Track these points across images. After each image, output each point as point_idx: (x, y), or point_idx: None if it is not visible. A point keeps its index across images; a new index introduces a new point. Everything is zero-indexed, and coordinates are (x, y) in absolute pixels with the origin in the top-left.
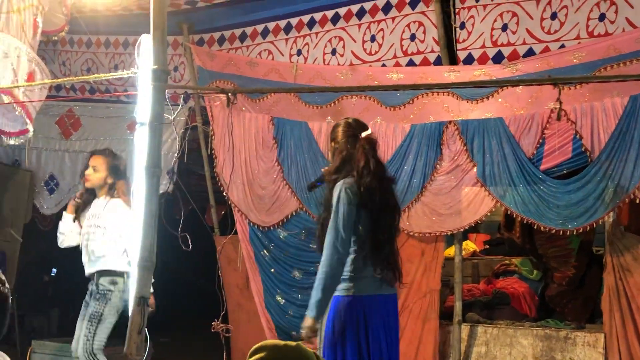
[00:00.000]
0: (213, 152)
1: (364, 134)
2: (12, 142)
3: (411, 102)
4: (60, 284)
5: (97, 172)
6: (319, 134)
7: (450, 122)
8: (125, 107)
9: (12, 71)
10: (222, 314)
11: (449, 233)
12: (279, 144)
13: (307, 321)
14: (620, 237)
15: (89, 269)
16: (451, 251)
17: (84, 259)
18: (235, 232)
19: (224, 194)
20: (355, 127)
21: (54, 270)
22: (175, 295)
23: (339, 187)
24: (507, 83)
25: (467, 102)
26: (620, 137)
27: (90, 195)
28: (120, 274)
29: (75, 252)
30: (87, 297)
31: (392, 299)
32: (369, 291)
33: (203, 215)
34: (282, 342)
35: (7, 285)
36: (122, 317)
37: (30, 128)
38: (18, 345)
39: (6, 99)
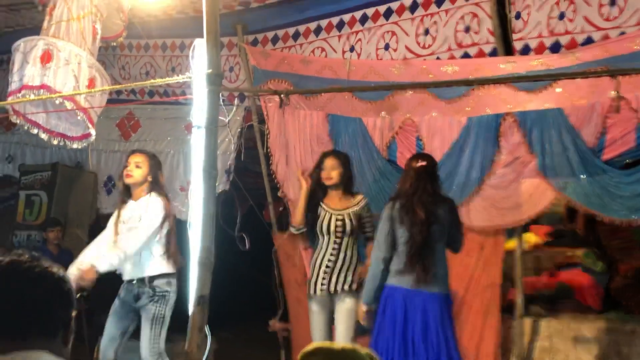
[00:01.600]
0: (269, 150)
1: (416, 164)
2: (75, 145)
3: (467, 94)
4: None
5: (139, 169)
6: (373, 129)
7: (507, 114)
8: (183, 109)
9: (73, 78)
10: (280, 312)
11: (510, 227)
12: (334, 140)
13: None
14: None
15: (134, 274)
16: (512, 244)
17: (124, 263)
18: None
19: (280, 191)
20: (411, 159)
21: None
22: (236, 291)
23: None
24: (562, 76)
25: (525, 93)
26: None
27: (124, 196)
28: (173, 274)
29: None
30: (124, 297)
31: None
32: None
33: (261, 212)
34: (338, 346)
35: (70, 282)
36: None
37: (93, 132)
38: (87, 342)
39: (69, 105)
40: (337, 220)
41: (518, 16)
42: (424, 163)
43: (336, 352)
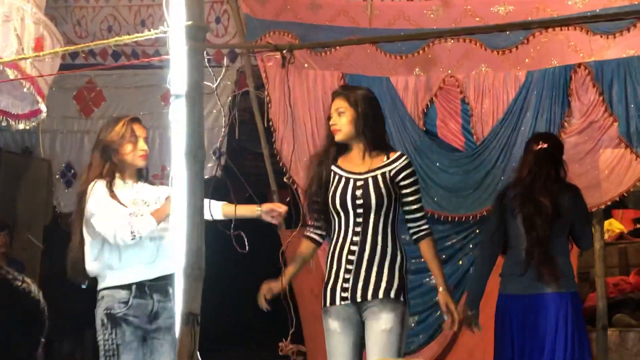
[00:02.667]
0: (271, 123)
1: (535, 147)
2: (22, 126)
3: (526, 41)
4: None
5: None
6: (404, 91)
7: (579, 64)
8: (158, 74)
9: (15, 38)
10: (292, 330)
11: None
12: None
13: None
14: None
15: (162, 270)
16: None
17: (150, 255)
18: (305, 224)
19: (286, 175)
20: (530, 140)
21: (86, 281)
22: (237, 305)
23: None
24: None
25: (601, 36)
26: None
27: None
28: None
29: None
30: (133, 319)
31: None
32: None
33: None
34: None
35: (39, 296)
36: None
37: (43, 108)
38: None
39: (11, 73)
40: (356, 188)
41: None
42: (544, 145)
43: None
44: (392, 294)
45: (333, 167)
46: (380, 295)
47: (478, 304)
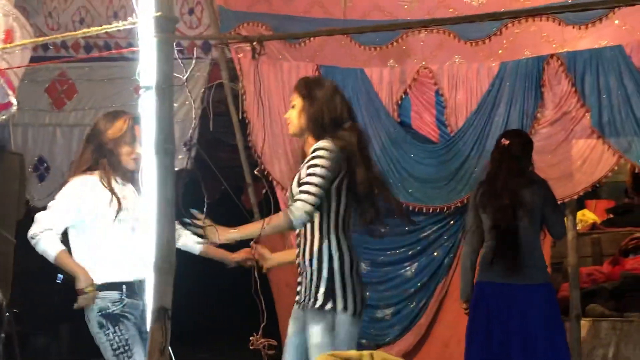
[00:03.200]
0: (245, 115)
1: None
2: None
3: (499, 32)
4: (71, 293)
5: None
6: (379, 83)
7: (552, 55)
8: (131, 66)
9: None
10: (263, 324)
11: (558, 202)
12: None
13: None
14: None
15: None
16: None
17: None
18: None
19: (261, 168)
20: (499, 138)
21: (60, 276)
22: (211, 300)
23: None
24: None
25: (574, 27)
26: None
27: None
28: None
29: None
30: (132, 317)
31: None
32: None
33: (239, 196)
34: (355, 354)
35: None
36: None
37: (14, 101)
38: None
39: None
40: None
41: None
42: (507, 142)
43: None
44: (317, 305)
45: None
46: (309, 305)
47: (468, 296)
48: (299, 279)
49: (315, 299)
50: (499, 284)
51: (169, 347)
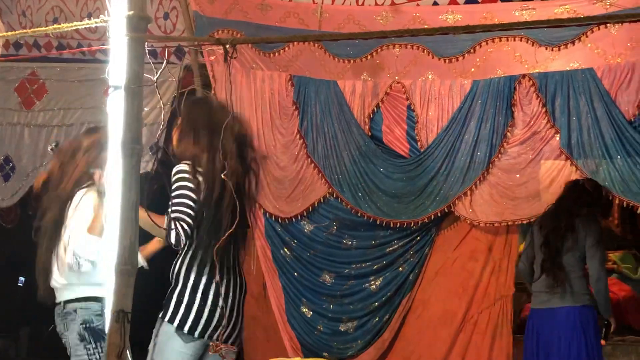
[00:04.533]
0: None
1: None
2: None
3: (472, 50)
4: (31, 295)
5: None
6: (351, 95)
7: (524, 75)
8: (103, 67)
9: None
10: (223, 331)
11: (524, 222)
12: (301, 110)
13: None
14: None
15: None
16: None
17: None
18: (247, 226)
19: (224, 172)
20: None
21: (22, 279)
22: None
23: None
24: (591, 20)
25: (546, 48)
26: None
27: None
28: None
29: None
30: None
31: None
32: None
33: None
34: None
35: None
36: None
37: None
38: None
39: None
40: None
41: None
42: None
43: None
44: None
45: None
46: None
47: None
48: None
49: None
50: (538, 310)
51: (127, 351)
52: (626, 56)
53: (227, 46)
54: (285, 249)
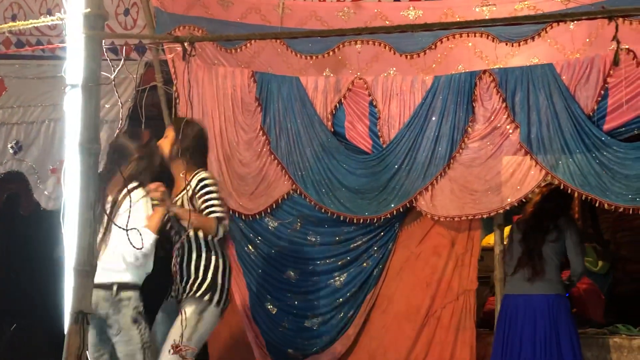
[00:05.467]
0: None
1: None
2: None
3: (433, 46)
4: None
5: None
6: (314, 91)
7: (484, 71)
8: (64, 64)
9: None
10: (182, 331)
11: (486, 216)
12: (264, 106)
13: None
14: None
15: None
16: (490, 239)
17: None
18: None
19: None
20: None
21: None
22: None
23: None
24: (548, 18)
25: (507, 44)
26: None
27: None
28: None
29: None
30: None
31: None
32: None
33: None
34: None
35: None
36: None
37: None
38: None
39: None
40: None
41: None
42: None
43: None
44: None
45: None
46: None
47: None
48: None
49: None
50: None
51: (86, 352)
52: (585, 52)
53: (186, 44)
54: (250, 246)
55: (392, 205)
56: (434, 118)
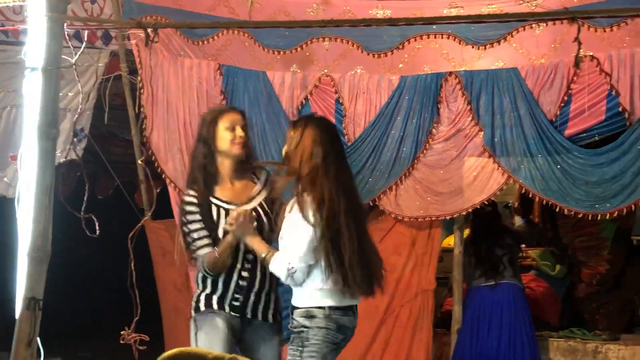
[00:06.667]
0: (142, 110)
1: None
2: None
3: (401, 46)
4: None
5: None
6: (281, 87)
7: (450, 73)
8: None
9: None
10: (136, 318)
11: (448, 217)
12: (229, 99)
13: None
14: None
15: None
16: (450, 241)
17: None
18: (173, 216)
19: (156, 165)
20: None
21: None
22: (102, 297)
23: None
24: (512, 18)
25: (473, 47)
26: None
27: None
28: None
29: None
30: None
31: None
32: None
33: (132, 194)
34: (210, 354)
35: None
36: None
37: None
38: None
39: None
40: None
41: None
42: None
43: None
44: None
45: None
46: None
47: None
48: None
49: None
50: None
51: (37, 338)
52: (550, 57)
53: (149, 30)
54: None
55: None
56: (399, 118)
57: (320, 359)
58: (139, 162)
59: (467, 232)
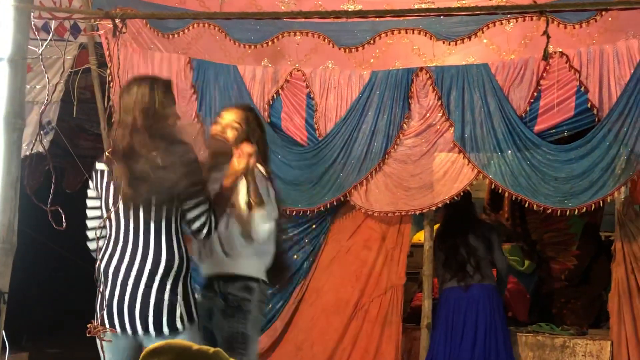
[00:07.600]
0: (111, 103)
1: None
2: None
3: (372, 41)
4: None
5: None
6: (251, 81)
7: (421, 68)
8: None
9: None
10: (103, 312)
11: (417, 212)
12: (200, 93)
13: None
14: (634, 218)
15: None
16: (420, 236)
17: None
18: None
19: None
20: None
21: None
22: (70, 291)
23: None
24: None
25: (444, 43)
26: (637, 91)
27: None
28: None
29: None
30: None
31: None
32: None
33: None
34: (194, 346)
35: None
36: None
37: None
38: None
39: None
40: None
41: None
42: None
43: (189, 352)
44: None
45: None
46: None
47: None
48: None
49: None
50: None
51: (2, 332)
52: (520, 53)
53: (117, 21)
54: None
55: (326, 199)
56: (370, 113)
57: None
58: (106, 154)
59: (437, 227)
